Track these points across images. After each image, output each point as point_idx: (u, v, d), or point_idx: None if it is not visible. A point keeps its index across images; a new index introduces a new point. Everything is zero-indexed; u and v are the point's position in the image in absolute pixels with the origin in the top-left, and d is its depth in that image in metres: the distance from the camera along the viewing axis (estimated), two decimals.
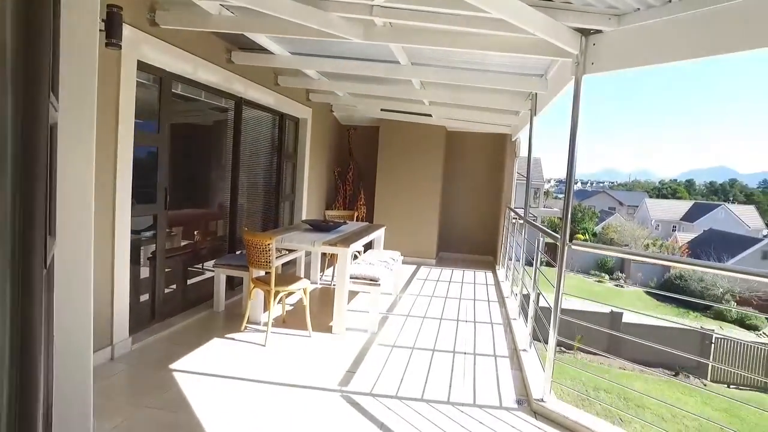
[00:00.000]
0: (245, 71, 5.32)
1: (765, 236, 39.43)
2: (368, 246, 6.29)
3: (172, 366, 3.59)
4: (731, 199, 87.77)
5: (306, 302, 4.43)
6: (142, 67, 3.76)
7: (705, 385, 14.10)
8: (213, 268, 5.03)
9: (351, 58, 5.03)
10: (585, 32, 3.10)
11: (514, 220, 6.76)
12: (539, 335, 4.22)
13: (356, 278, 4.66)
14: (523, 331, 4.63)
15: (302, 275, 5.97)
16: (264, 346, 4.11)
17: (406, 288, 6.67)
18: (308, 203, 7.70)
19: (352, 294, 5.74)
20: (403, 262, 6.87)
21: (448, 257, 9.26)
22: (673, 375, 14.43)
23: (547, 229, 4.00)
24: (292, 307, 5.30)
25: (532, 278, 4.15)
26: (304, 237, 4.82)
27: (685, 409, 11.89)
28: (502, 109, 6.77)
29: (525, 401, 3.36)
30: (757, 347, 15.37)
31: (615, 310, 17.08)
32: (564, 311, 3.22)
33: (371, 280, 4.65)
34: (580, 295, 22.58)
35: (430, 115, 7.97)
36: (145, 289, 4.27)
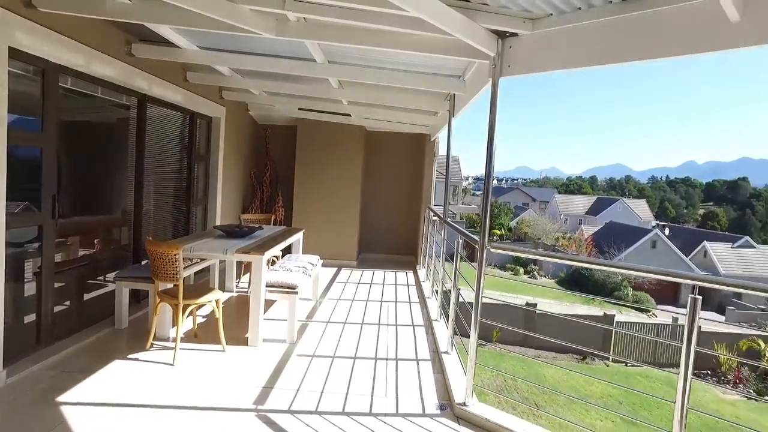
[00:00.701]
0: (149, 66, 4.88)
1: (653, 227, 43.43)
2: (286, 250, 6.04)
3: (60, 399, 3.16)
4: (627, 194, 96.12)
5: (218, 315, 4.13)
6: (16, 55, 3.29)
7: (608, 365, 15.23)
8: (114, 281, 4.57)
9: (265, 55, 4.77)
10: (501, 35, 3.11)
11: (434, 220, 6.81)
12: (460, 333, 4.24)
13: (273, 286, 4.43)
14: (444, 332, 4.64)
15: (216, 284, 5.61)
16: (172, 365, 3.77)
17: (326, 293, 6.49)
18: (223, 207, 7.28)
19: (270, 302, 5.48)
20: (324, 265, 6.70)
21: (369, 258, 9.19)
22: (581, 359, 15.43)
23: (466, 232, 4.01)
24: (205, 319, 4.95)
25: (452, 278, 4.15)
26: (215, 245, 4.50)
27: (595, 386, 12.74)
28: (421, 110, 6.79)
29: (448, 406, 3.33)
30: (649, 325, 16.93)
31: (529, 301, 18.00)
32: (483, 305, 3.22)
33: (289, 287, 4.44)
34: (497, 289, 23.56)
35: (349, 115, 7.85)
36: (28, 309, 3.76)
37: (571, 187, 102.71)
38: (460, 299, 4.12)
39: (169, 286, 4.04)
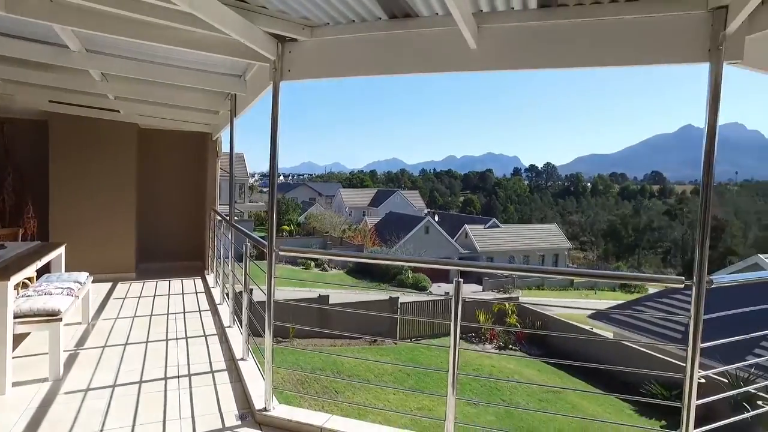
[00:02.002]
0: None
1: (426, 215, 49.24)
2: (43, 270, 5.08)
3: None
4: (402, 185, 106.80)
5: None
6: None
7: (396, 344, 16.79)
8: None
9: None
10: (282, 39, 3.12)
11: (220, 222, 6.52)
12: (256, 336, 4.18)
13: (26, 316, 3.68)
14: (239, 338, 4.50)
15: None
16: None
17: (100, 313, 5.68)
18: None
19: (22, 336, 4.55)
20: (95, 281, 5.83)
21: (151, 268, 8.31)
22: (373, 341, 16.64)
23: (254, 235, 3.95)
24: None
25: (243, 282, 4.05)
26: None
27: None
28: (201, 108, 6.40)
29: (248, 415, 3.26)
30: (428, 302, 19.17)
31: (322, 292, 18.66)
32: (277, 304, 3.23)
33: (49, 314, 3.75)
34: (291, 284, 23.79)
35: (117, 111, 6.93)
36: None
37: (354, 181, 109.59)
38: (255, 301, 4.05)
39: None
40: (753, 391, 8.53)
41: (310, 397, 9.80)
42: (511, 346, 16.23)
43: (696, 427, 2.35)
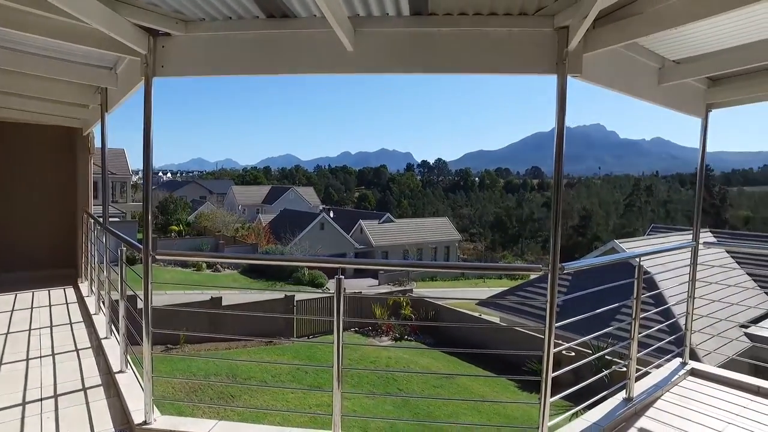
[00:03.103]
0: None
1: (321, 211, 49.12)
2: None
3: None
4: (297, 182, 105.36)
5: None
6: None
7: (293, 343, 16.60)
8: None
9: None
10: (153, 33, 2.95)
11: (95, 225, 5.99)
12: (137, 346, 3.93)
13: None
14: (116, 350, 4.19)
15: None
16: None
17: None
18: None
19: None
20: None
21: (9, 279, 7.38)
22: (269, 342, 16.30)
23: (128, 239, 3.70)
24: None
25: (119, 289, 3.78)
26: None
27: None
28: (66, 101, 5.81)
29: (127, 430, 3.06)
30: (325, 299, 19.17)
31: (214, 294, 17.87)
32: (162, 310, 3.07)
33: None
34: (181, 288, 22.50)
35: None
36: None
37: (248, 178, 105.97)
38: (137, 308, 3.79)
39: None
40: (611, 358, 9.70)
41: (205, 405, 9.37)
42: (406, 336, 16.80)
43: (553, 394, 2.66)
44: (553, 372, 2.63)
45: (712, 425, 3.30)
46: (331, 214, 46.93)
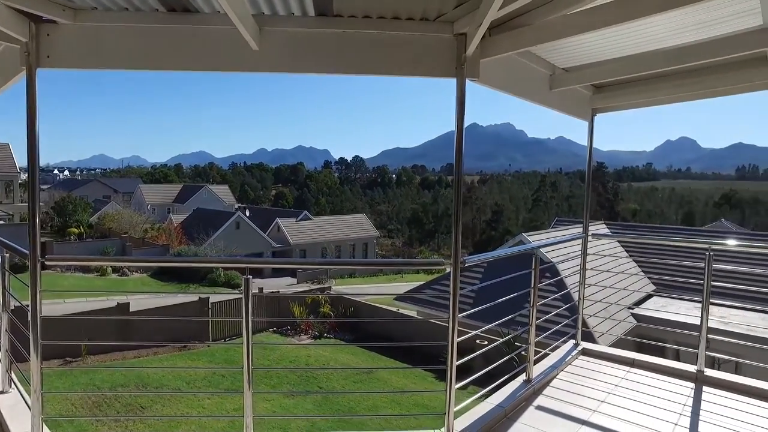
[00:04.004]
0: None
1: (236, 210, 47.65)
2: None
3: None
4: (211, 180, 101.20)
5: None
6: None
7: (209, 346, 15.97)
8: None
9: None
10: (36, 19, 2.71)
11: None
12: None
13: None
14: None
15: None
16: None
17: None
18: None
19: None
20: None
21: None
22: (183, 347, 15.57)
23: (13, 244, 3.38)
24: None
25: (0, 300, 3.45)
26: None
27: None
28: None
29: None
30: (241, 299, 18.50)
31: (121, 301, 16.73)
32: (59, 321, 2.85)
33: None
34: (83, 295, 20.87)
35: None
36: None
37: (157, 175, 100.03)
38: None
39: None
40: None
41: (111, 419, 8.80)
42: (326, 334, 16.78)
43: (462, 381, 2.83)
44: (457, 360, 2.79)
45: (596, 396, 3.67)
46: (247, 213, 45.64)
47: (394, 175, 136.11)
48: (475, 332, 3.13)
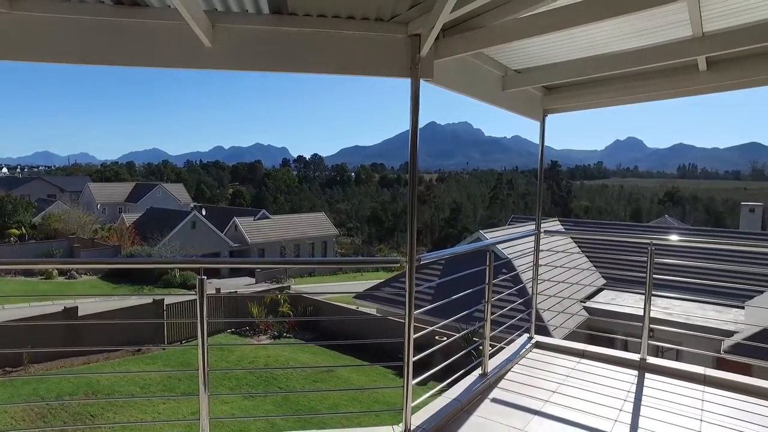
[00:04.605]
0: None
1: (192, 209, 46.39)
2: None
3: None
4: (165, 178, 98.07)
5: None
6: None
7: (164, 349, 15.51)
8: None
9: None
10: None
11: None
12: None
13: None
14: None
15: None
16: None
17: None
18: None
19: None
20: None
21: None
22: (137, 351, 15.06)
23: None
24: None
25: None
26: None
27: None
28: None
29: None
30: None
31: (68, 305, 16.01)
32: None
33: None
34: (26, 299, 19.85)
35: None
36: None
37: (107, 174, 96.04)
38: None
39: None
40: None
41: (56, 430, 8.41)
42: (285, 334, 16.61)
43: (415, 375, 2.88)
44: (414, 356, 2.84)
45: (548, 387, 3.81)
46: (204, 212, 44.50)
47: (353, 174, 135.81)
48: (431, 328, 3.19)
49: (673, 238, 5.78)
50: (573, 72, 3.84)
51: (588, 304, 13.12)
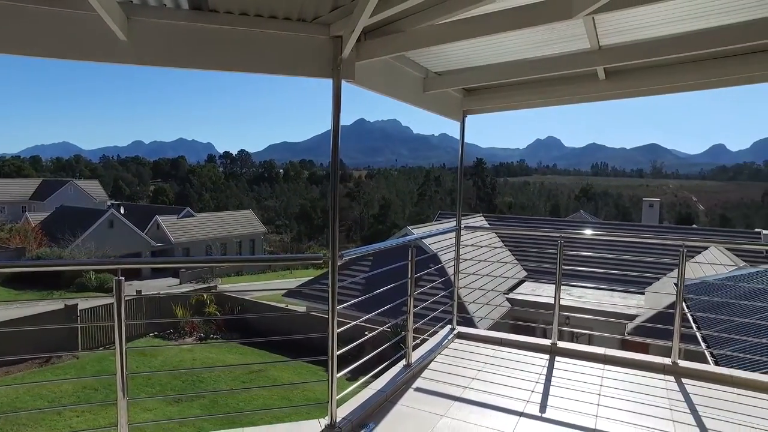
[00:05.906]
0: None
1: (109, 207, 43.65)
2: None
3: None
4: (78, 174, 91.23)
5: None
6: None
7: (78, 358, 14.51)
8: None
9: None
10: None
11: None
12: None
13: None
14: None
15: None
16: None
17: None
18: None
19: None
20: None
21: None
22: (45, 362, 14.00)
23: None
24: None
25: None
26: None
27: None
28: None
29: None
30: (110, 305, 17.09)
31: None
32: None
33: None
34: None
35: None
36: None
37: (8, 169, 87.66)
38: None
39: None
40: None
41: None
42: (212, 335, 16.11)
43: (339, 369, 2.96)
44: (338, 350, 2.92)
45: (468, 374, 4.03)
46: (122, 210, 41.95)
47: (281, 170, 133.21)
48: (353, 323, 3.28)
49: (587, 232, 6.27)
50: (490, 76, 4.08)
51: (510, 295, 13.82)
